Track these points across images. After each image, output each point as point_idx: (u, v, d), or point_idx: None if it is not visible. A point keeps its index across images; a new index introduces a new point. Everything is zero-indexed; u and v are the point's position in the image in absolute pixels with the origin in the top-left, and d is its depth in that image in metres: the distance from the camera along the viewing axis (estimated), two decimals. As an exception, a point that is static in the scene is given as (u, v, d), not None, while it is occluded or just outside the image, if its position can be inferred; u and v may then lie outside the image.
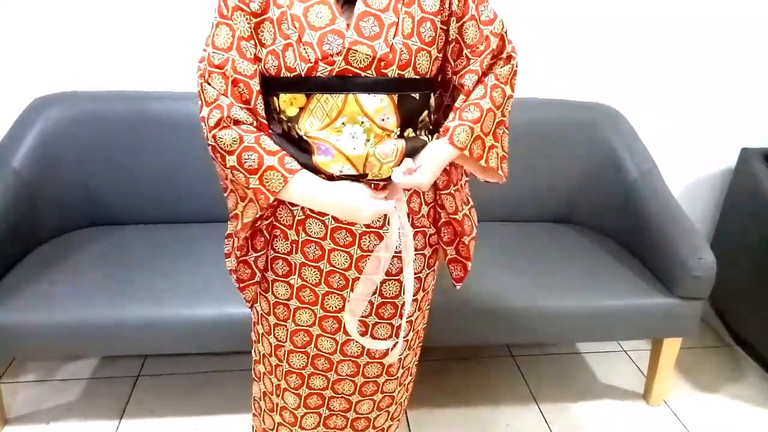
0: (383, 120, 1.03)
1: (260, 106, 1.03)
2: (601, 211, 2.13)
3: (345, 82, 1.01)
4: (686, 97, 2.25)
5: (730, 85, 2.25)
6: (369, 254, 1.11)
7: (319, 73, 1.00)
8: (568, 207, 2.19)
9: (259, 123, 1.04)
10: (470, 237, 1.21)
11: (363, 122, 1.02)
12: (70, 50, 1.95)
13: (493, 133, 1.10)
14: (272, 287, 1.17)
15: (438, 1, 1.04)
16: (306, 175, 1.02)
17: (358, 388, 1.24)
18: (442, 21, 1.05)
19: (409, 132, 1.07)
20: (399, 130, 1.05)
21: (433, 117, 1.13)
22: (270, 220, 1.12)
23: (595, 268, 1.89)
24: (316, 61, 0.99)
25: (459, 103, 1.08)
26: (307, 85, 1.01)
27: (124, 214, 2.01)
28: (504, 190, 2.13)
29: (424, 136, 1.09)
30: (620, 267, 1.90)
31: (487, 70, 1.09)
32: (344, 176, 1.03)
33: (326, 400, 1.25)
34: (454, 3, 1.05)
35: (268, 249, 1.15)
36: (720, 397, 2.02)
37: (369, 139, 1.03)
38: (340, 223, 1.08)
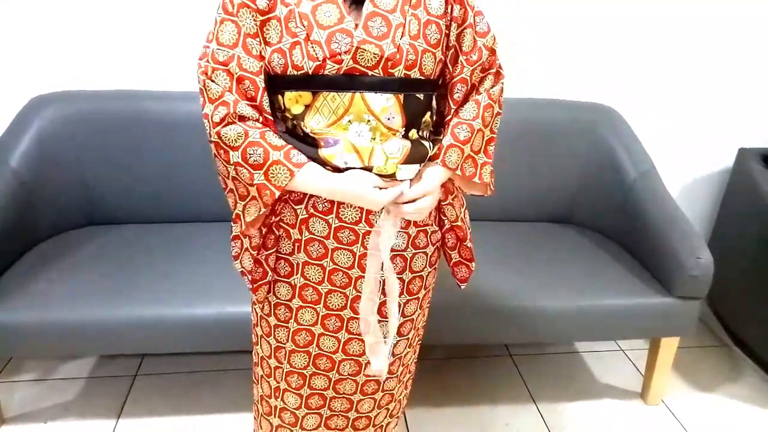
0: (389, 119, 1.04)
1: (266, 102, 1.03)
2: (600, 211, 2.13)
3: (352, 81, 1.01)
4: (684, 97, 2.26)
5: (728, 86, 2.26)
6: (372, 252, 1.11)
7: (326, 72, 1.00)
8: (567, 207, 2.19)
9: (265, 119, 1.04)
10: (468, 239, 1.23)
11: (369, 120, 1.03)
12: (67, 49, 1.94)
13: (484, 150, 1.14)
14: (274, 288, 1.17)
15: (443, 5, 1.06)
16: (313, 167, 1.02)
17: (359, 386, 1.24)
18: (445, 25, 1.07)
19: (413, 133, 1.08)
20: (404, 129, 1.07)
21: (434, 118, 1.15)
22: (279, 217, 1.11)
23: (594, 268, 1.90)
24: (324, 60, 0.99)
25: (450, 117, 1.12)
26: (314, 83, 1.01)
27: (122, 214, 2.00)
28: (503, 191, 2.13)
29: (426, 141, 1.10)
30: (618, 267, 1.91)
31: (477, 84, 1.13)
32: (349, 168, 1.03)
33: (327, 401, 1.25)
34: (456, 9, 1.07)
35: (278, 247, 1.14)
36: (718, 397, 2.02)
37: (375, 137, 1.04)
38: (344, 221, 1.08)
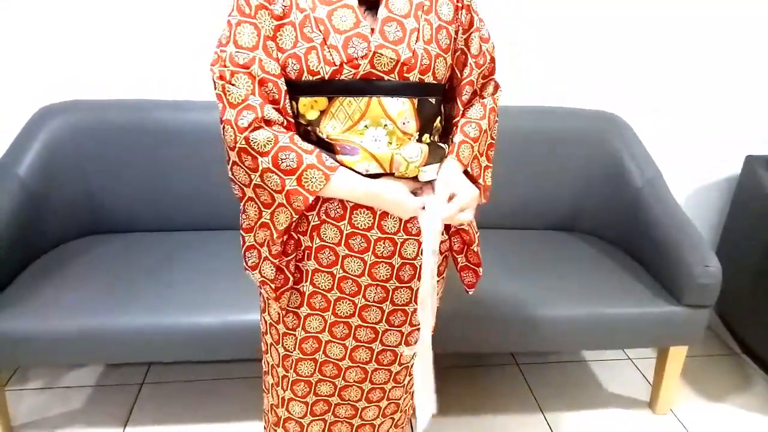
0: (404, 123, 1.05)
1: (288, 106, 1.02)
2: (607, 219, 2.12)
3: (368, 86, 1.01)
4: (691, 104, 2.25)
5: (735, 93, 2.25)
6: (383, 261, 1.10)
7: (342, 77, 1.00)
8: (573, 215, 2.18)
9: (288, 123, 1.03)
10: (476, 244, 1.22)
11: (386, 125, 1.03)
12: (74, 60, 1.96)
13: (486, 155, 1.15)
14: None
15: (452, 11, 1.07)
16: (345, 172, 1.02)
17: (364, 394, 1.24)
18: (454, 30, 1.08)
19: (426, 138, 1.09)
20: (418, 134, 1.07)
21: (443, 123, 1.16)
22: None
23: (601, 276, 1.88)
24: (341, 64, 0.99)
25: (458, 118, 1.12)
26: (330, 88, 1.01)
27: (127, 223, 2.01)
28: (509, 198, 2.15)
29: (440, 143, 1.11)
30: (625, 275, 1.90)
31: (480, 90, 1.14)
32: (371, 175, 1.03)
33: (332, 407, 1.25)
34: (462, 14, 1.09)
35: (298, 251, 1.12)
36: (726, 406, 2.00)
37: (391, 142, 1.04)
38: (356, 228, 1.07)
